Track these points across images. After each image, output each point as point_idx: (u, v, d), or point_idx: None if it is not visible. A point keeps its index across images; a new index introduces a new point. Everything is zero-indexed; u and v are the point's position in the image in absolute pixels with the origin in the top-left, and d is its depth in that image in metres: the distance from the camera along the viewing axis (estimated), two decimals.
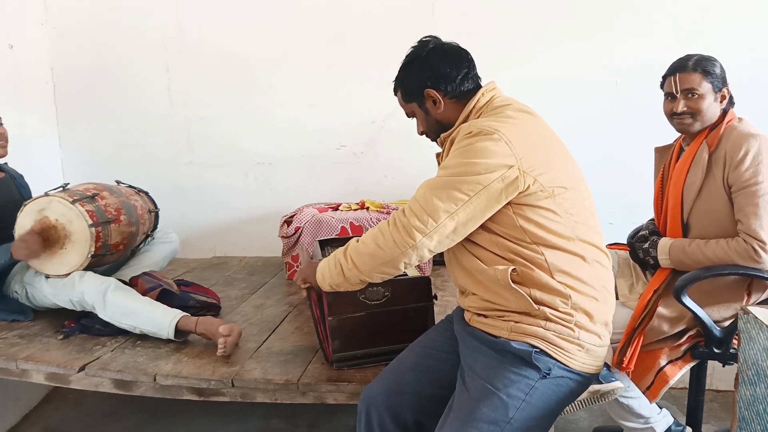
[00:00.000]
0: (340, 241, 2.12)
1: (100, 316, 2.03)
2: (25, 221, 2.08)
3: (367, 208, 2.75)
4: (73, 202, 2.07)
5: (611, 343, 1.61)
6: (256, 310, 2.32)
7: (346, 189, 3.03)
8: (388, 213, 2.68)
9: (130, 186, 2.59)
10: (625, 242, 2.04)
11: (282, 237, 2.66)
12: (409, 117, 1.61)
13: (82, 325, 2.09)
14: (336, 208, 2.78)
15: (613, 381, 1.62)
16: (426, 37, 1.55)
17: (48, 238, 2.07)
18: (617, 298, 1.82)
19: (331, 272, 1.52)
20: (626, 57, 2.68)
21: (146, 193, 2.63)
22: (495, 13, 2.79)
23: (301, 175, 3.08)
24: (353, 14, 2.90)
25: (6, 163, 2.38)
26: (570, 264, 1.36)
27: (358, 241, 1.49)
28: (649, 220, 2.04)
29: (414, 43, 1.55)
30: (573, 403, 1.53)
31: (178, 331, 1.96)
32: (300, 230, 2.60)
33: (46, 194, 2.10)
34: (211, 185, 3.16)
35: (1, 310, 2.19)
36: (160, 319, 1.97)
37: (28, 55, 2.99)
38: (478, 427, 1.32)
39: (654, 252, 1.85)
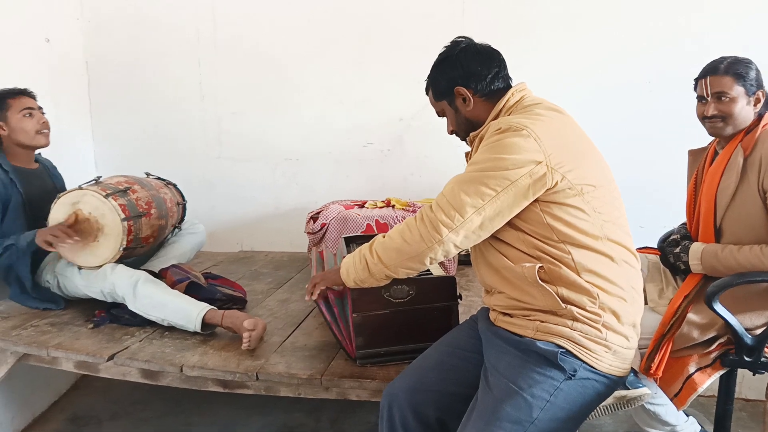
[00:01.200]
0: (365, 239, 2.13)
1: (130, 307, 2.06)
2: (58, 213, 2.12)
3: (393, 206, 2.74)
4: (106, 196, 2.11)
5: (639, 349, 1.58)
6: (281, 305, 2.34)
7: (372, 186, 3.03)
8: (414, 211, 2.67)
9: (158, 178, 2.63)
10: (656, 246, 2.01)
11: (308, 233, 2.67)
12: (439, 116, 1.62)
13: (111, 314, 2.13)
14: (362, 206, 2.78)
15: (640, 387, 1.60)
16: (459, 37, 1.55)
17: (80, 230, 2.11)
18: (646, 303, 1.79)
19: (356, 267, 1.53)
20: (660, 56, 2.63)
21: (174, 185, 2.67)
22: (525, 11, 2.76)
23: (328, 172, 3.10)
24: (383, 12, 2.90)
25: (39, 153, 2.44)
26: (598, 263, 1.35)
27: (384, 236, 1.50)
28: (681, 225, 2.00)
29: (447, 43, 1.55)
30: (598, 408, 1.51)
31: (205, 324, 1.98)
32: (326, 227, 2.61)
33: (80, 188, 2.14)
34: (240, 180, 3.19)
35: (33, 299, 2.24)
36: (188, 312, 1.99)
37: (64, 48, 3.05)
38: (502, 426, 1.31)
39: (685, 257, 1.81)
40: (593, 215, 1.35)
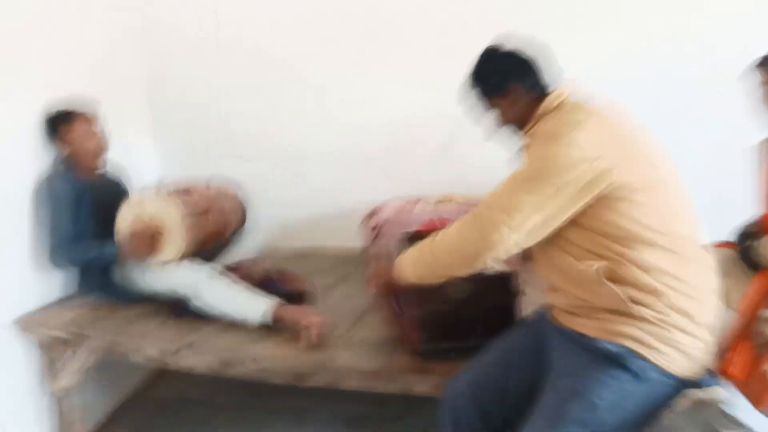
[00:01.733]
0: (422, 236, 2.12)
1: (194, 303, 2.13)
2: (124, 217, 2.23)
3: (452, 203, 2.72)
4: (167, 197, 2.20)
5: (715, 348, 1.51)
6: (342, 301, 2.37)
7: (431, 182, 3.00)
8: (473, 207, 2.64)
9: (220, 181, 2.70)
10: (734, 240, 1.91)
11: (366, 230, 2.69)
12: (486, 112, 1.61)
13: (180, 309, 2.20)
14: (419, 202, 2.77)
15: (715, 388, 1.53)
16: (500, 37, 1.56)
17: (151, 237, 2.19)
18: (723, 301, 1.71)
19: (414, 265, 1.53)
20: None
21: (237, 187, 2.74)
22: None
23: (390, 168, 3.08)
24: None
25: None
26: (665, 260, 1.30)
27: (442, 234, 1.49)
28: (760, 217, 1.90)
29: (493, 40, 1.56)
30: (671, 410, 1.45)
31: (270, 319, 2.03)
32: (383, 223, 2.61)
33: (141, 191, 2.25)
34: (295, 179, 3.21)
35: (103, 293, 2.35)
36: (253, 307, 2.05)
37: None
38: (567, 428, 1.29)
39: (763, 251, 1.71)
40: (657, 211, 1.31)
